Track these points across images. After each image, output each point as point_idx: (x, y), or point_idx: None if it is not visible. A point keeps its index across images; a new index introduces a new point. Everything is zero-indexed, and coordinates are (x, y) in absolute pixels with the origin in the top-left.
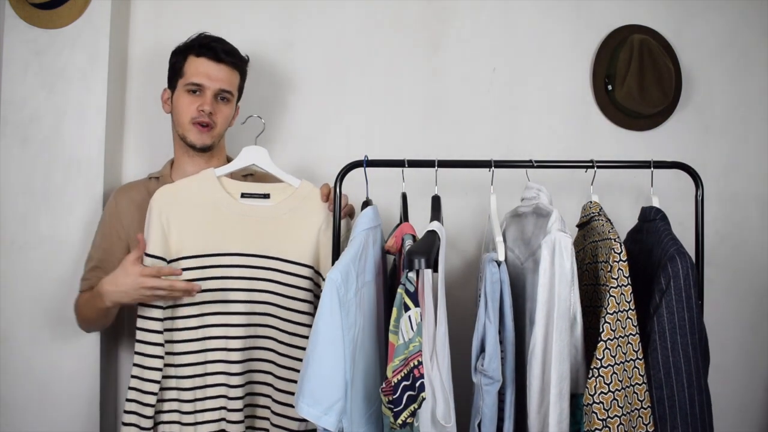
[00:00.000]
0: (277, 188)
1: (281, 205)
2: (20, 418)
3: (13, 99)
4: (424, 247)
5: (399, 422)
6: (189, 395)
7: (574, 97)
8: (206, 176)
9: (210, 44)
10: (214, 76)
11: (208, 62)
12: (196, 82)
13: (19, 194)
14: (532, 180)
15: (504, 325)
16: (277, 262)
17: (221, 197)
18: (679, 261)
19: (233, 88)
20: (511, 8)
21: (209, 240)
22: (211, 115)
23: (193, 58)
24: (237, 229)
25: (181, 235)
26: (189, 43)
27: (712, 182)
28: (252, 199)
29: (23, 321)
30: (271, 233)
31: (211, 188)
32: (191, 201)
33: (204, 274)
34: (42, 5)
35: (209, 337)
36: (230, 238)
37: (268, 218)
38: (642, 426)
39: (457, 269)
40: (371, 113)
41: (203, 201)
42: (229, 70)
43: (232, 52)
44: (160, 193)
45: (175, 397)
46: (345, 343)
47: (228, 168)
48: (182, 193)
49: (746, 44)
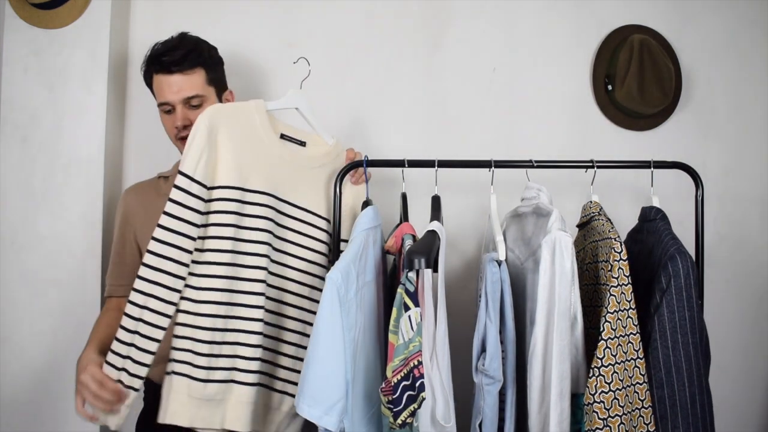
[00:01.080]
0: (313, 138)
1: (315, 159)
2: (20, 418)
3: (13, 99)
4: (424, 247)
5: (398, 422)
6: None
7: (574, 97)
8: (258, 107)
9: (159, 58)
10: (174, 88)
11: (164, 77)
12: (162, 101)
13: (19, 194)
14: (532, 180)
15: (504, 325)
16: (302, 212)
17: (267, 133)
18: (679, 260)
19: (199, 89)
20: (511, 8)
21: (251, 174)
22: (187, 127)
23: (155, 75)
24: (275, 169)
25: (228, 159)
26: (147, 56)
27: (712, 182)
28: (290, 143)
29: (23, 321)
30: (300, 182)
31: (260, 120)
32: (242, 128)
33: (241, 209)
34: (42, 5)
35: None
36: (270, 178)
37: (303, 167)
38: (643, 425)
39: (457, 269)
40: (371, 113)
41: (251, 131)
42: (183, 76)
43: (180, 59)
44: (212, 111)
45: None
46: (345, 343)
47: (277, 105)
48: (235, 116)
49: (746, 44)
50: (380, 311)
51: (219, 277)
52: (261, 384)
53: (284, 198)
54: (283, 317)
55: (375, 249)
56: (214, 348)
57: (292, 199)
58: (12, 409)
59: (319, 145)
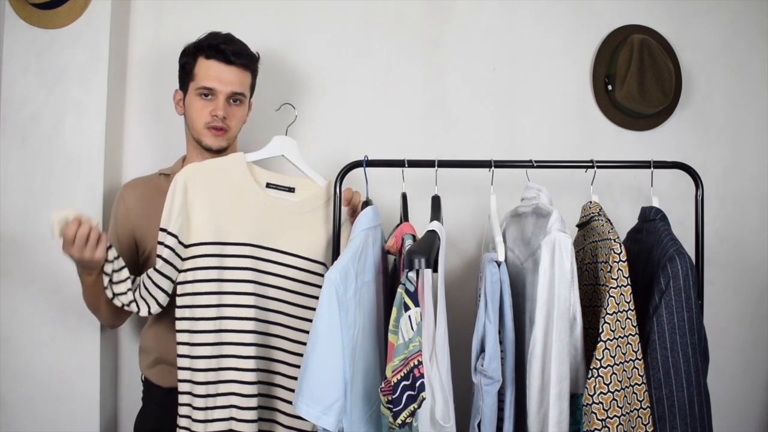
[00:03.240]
0: (302, 183)
1: (305, 203)
2: (20, 418)
3: (13, 99)
4: (424, 247)
5: (398, 422)
6: (202, 390)
7: (574, 97)
8: (237, 160)
9: (219, 46)
10: (226, 79)
11: (218, 65)
12: (208, 86)
13: (19, 193)
14: (532, 180)
15: (504, 325)
16: (293, 258)
17: (248, 185)
18: (678, 261)
19: (245, 89)
20: (511, 8)
21: (230, 228)
22: (225, 119)
23: (203, 60)
24: (259, 220)
25: (203, 218)
26: (198, 43)
27: (712, 182)
28: (277, 191)
29: (23, 321)
30: (290, 228)
31: (240, 173)
32: (219, 184)
33: (221, 263)
34: (42, 5)
35: (225, 330)
36: (250, 229)
37: (291, 214)
38: (641, 426)
39: (457, 269)
40: (371, 113)
41: (231, 186)
42: (240, 71)
43: (242, 53)
44: (189, 171)
45: (188, 390)
46: (344, 343)
47: (258, 155)
48: (212, 174)
49: (746, 44)
50: (380, 311)
51: (209, 332)
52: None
53: (270, 246)
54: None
55: (375, 249)
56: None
57: (280, 247)
58: (12, 409)
59: (309, 189)
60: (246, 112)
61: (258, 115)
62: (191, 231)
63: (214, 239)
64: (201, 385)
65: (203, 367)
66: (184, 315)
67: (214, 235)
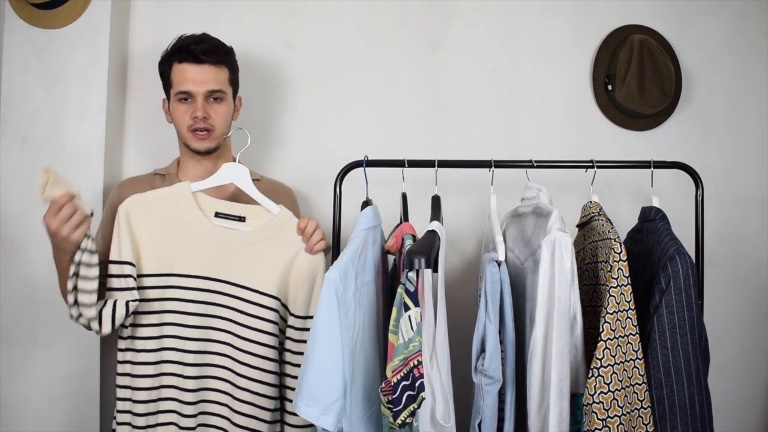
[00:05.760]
0: (254, 211)
1: (256, 233)
2: (20, 418)
3: (13, 98)
4: (424, 247)
5: (398, 422)
6: (142, 421)
7: (574, 97)
8: (181, 191)
9: (189, 47)
10: (200, 79)
11: (190, 66)
12: (184, 89)
13: (19, 194)
14: (532, 180)
15: (504, 325)
16: (242, 290)
17: (193, 216)
18: (679, 261)
19: (222, 85)
20: (511, 8)
21: (173, 260)
22: (206, 119)
23: (177, 64)
24: (205, 251)
25: (146, 250)
26: (170, 49)
27: (712, 182)
28: (226, 220)
29: (23, 321)
30: (240, 260)
31: (184, 205)
32: (161, 217)
33: (163, 294)
34: (42, 5)
35: (165, 361)
36: (195, 261)
37: (241, 245)
38: (642, 426)
39: (457, 269)
40: (371, 113)
41: (173, 219)
42: (213, 68)
43: (212, 50)
44: (130, 203)
45: (128, 421)
46: (344, 343)
47: (205, 184)
48: (153, 208)
49: (746, 44)
50: (380, 311)
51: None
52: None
53: (219, 278)
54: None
55: (374, 249)
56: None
57: (229, 279)
58: (12, 409)
59: (261, 217)
60: (230, 108)
61: (258, 116)
62: (140, 261)
63: (156, 271)
64: (141, 417)
65: (144, 399)
66: (127, 346)
67: (156, 267)
